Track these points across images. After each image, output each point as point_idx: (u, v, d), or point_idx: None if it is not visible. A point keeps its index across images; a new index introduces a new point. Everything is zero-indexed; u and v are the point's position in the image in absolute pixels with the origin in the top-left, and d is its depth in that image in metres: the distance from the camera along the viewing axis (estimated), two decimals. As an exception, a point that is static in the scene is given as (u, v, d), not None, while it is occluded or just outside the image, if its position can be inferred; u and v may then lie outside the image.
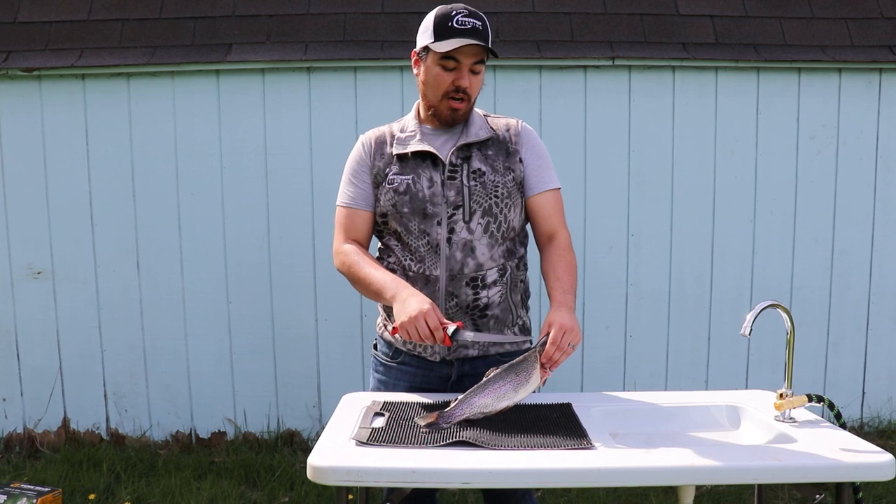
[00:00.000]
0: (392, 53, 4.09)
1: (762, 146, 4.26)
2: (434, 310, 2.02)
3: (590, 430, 1.89)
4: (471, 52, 2.13)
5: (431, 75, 2.18)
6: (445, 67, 2.15)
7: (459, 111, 2.19)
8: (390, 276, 2.16)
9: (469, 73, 2.15)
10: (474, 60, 2.15)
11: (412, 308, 2.02)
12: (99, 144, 4.15)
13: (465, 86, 2.15)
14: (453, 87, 2.16)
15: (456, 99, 2.17)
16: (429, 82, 2.20)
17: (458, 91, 2.16)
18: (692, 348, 4.33)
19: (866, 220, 4.33)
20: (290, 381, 4.27)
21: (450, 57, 2.13)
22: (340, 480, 1.68)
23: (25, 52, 4.10)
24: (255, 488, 3.76)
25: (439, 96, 2.18)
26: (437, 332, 2.01)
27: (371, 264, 2.21)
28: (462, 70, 2.14)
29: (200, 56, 4.10)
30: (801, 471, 1.70)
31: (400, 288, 2.11)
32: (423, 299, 2.04)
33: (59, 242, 4.18)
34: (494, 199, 2.20)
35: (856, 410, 4.40)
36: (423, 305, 2.01)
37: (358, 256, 2.23)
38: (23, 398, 4.26)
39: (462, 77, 2.15)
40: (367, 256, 2.25)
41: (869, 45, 4.26)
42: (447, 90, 2.16)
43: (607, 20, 4.26)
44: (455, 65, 2.14)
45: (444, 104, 2.18)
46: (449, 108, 2.18)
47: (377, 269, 2.19)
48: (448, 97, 2.17)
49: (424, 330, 2.00)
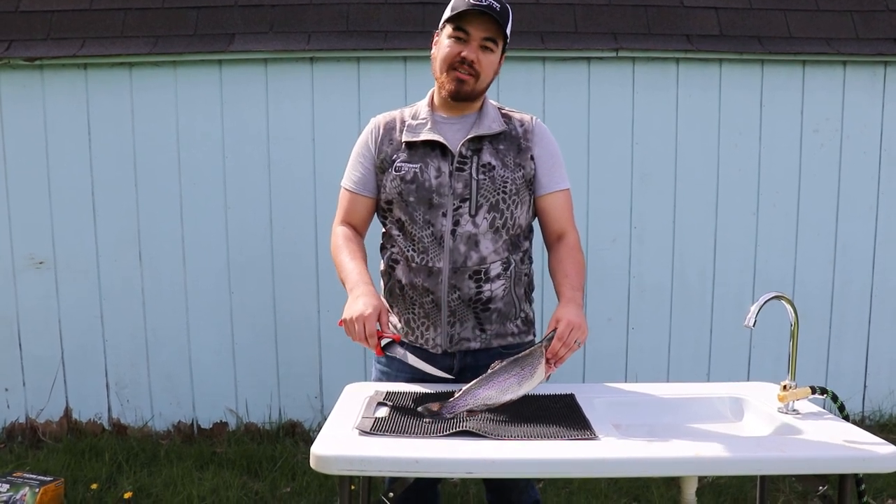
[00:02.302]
0: (395, 44, 4.08)
1: (766, 139, 4.25)
2: (375, 316, 2.01)
3: (593, 420, 1.89)
4: (481, 26, 2.11)
5: (442, 47, 2.17)
6: (456, 39, 2.14)
7: (465, 84, 2.15)
8: (357, 270, 2.16)
9: (479, 49, 2.13)
10: (485, 35, 2.13)
11: (356, 309, 2.02)
12: (101, 134, 4.14)
13: (471, 58, 2.13)
14: (459, 59, 2.13)
15: (461, 71, 2.14)
16: (439, 55, 2.19)
17: (463, 63, 2.13)
18: (694, 340, 4.33)
19: (869, 214, 4.33)
20: (291, 371, 4.28)
21: (460, 28, 2.12)
22: (343, 470, 1.68)
23: (27, 41, 4.09)
24: (256, 479, 3.77)
25: (446, 67, 2.16)
26: (371, 339, 2.01)
27: (350, 252, 2.22)
28: (471, 43, 2.13)
29: (203, 46, 4.09)
30: (804, 462, 1.70)
31: (359, 284, 2.11)
32: (370, 303, 2.03)
33: (60, 232, 4.18)
34: (502, 195, 2.18)
35: (857, 404, 4.40)
36: (366, 310, 2.01)
37: (343, 241, 2.25)
38: (25, 388, 4.26)
39: (470, 49, 2.13)
40: (352, 243, 2.25)
41: (874, 38, 4.24)
42: (453, 61, 2.14)
43: (611, 11, 4.25)
44: (465, 36, 2.12)
45: (451, 76, 2.15)
46: (455, 79, 2.15)
47: (352, 259, 2.19)
48: (454, 69, 2.15)
49: (360, 333, 2.01)
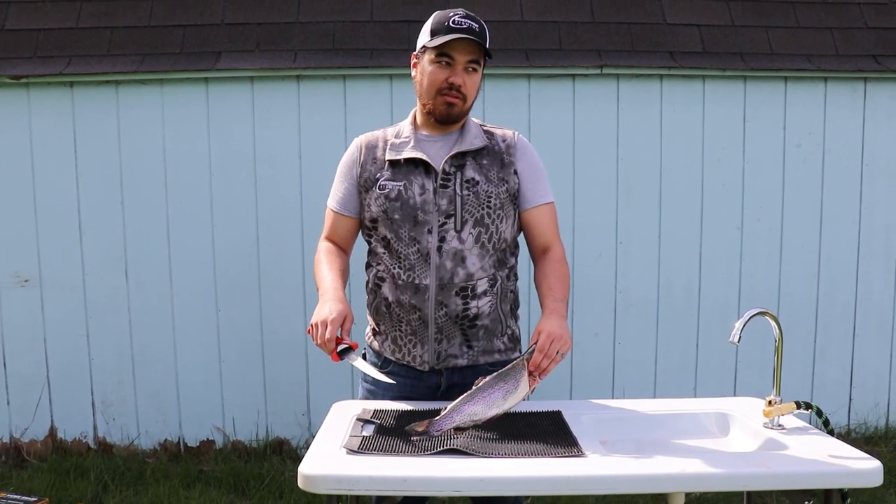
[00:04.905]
0: (381, 62, 4.10)
1: (749, 154, 4.29)
2: (339, 322, 2.06)
3: (580, 437, 1.89)
4: (465, 50, 2.14)
5: (426, 73, 2.19)
6: (440, 64, 2.16)
7: (455, 107, 2.18)
8: (330, 280, 2.21)
9: (464, 71, 2.16)
10: (469, 59, 2.15)
11: (321, 313, 2.08)
12: (87, 152, 4.13)
13: (458, 83, 2.16)
14: (447, 84, 2.16)
15: (450, 96, 2.17)
16: (424, 81, 2.20)
17: (451, 88, 2.16)
18: (680, 355, 4.35)
19: (852, 227, 4.37)
20: (278, 389, 4.26)
21: (444, 54, 2.14)
22: (331, 489, 1.68)
23: (13, 59, 4.08)
24: (243, 497, 3.75)
25: (433, 93, 2.18)
26: (329, 343, 2.04)
27: (328, 263, 2.28)
28: (456, 67, 2.15)
29: (189, 64, 4.09)
30: (789, 477, 1.71)
31: (329, 291, 2.17)
32: (336, 308, 2.08)
33: (46, 250, 4.16)
34: (487, 210, 2.20)
35: (843, 416, 4.42)
36: (330, 314, 2.06)
37: (323, 255, 2.32)
38: (9, 407, 4.22)
39: (456, 74, 2.15)
40: (331, 255, 2.31)
41: (854, 55, 4.30)
42: (441, 87, 2.17)
43: (595, 29, 4.29)
44: (449, 61, 2.15)
45: (439, 101, 2.18)
46: (444, 103, 2.17)
47: (329, 270, 2.25)
48: (442, 94, 2.17)
49: (321, 336, 2.05)
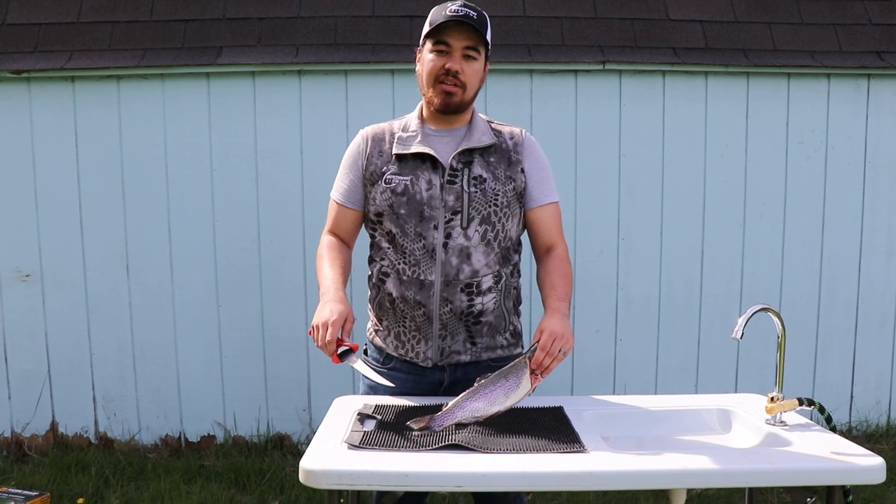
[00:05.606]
0: (383, 56, 4.09)
1: (752, 150, 4.28)
2: (340, 323, 2.03)
3: (582, 433, 1.89)
4: (461, 36, 2.14)
5: (426, 62, 2.19)
6: (438, 52, 2.16)
7: (454, 96, 2.17)
8: (331, 277, 2.19)
9: (462, 59, 2.15)
10: (465, 45, 2.15)
11: (322, 315, 2.05)
12: (88, 147, 4.13)
13: (455, 69, 2.15)
14: (444, 71, 2.15)
15: (448, 83, 2.16)
16: (423, 71, 2.21)
17: (448, 74, 2.15)
18: (682, 352, 4.35)
19: (854, 225, 4.36)
20: (279, 384, 4.26)
21: (441, 41, 2.14)
22: (332, 484, 1.67)
23: (14, 53, 4.08)
24: (244, 492, 3.75)
25: (432, 82, 2.18)
26: (330, 345, 2.02)
27: (329, 259, 2.25)
28: (453, 54, 2.15)
29: (191, 59, 4.09)
30: (792, 474, 1.71)
31: (330, 291, 2.14)
32: (337, 310, 2.05)
33: (47, 245, 4.15)
34: (494, 208, 2.19)
35: (844, 414, 4.42)
36: (331, 316, 2.03)
37: (325, 249, 2.29)
38: (10, 402, 4.22)
39: (453, 60, 2.15)
40: (333, 251, 2.28)
41: (857, 51, 4.29)
42: (438, 74, 2.16)
43: (598, 25, 4.28)
44: (446, 49, 2.15)
45: (437, 89, 2.17)
46: (442, 92, 2.17)
47: (330, 266, 2.23)
48: (440, 82, 2.17)
49: (322, 338, 2.03)
